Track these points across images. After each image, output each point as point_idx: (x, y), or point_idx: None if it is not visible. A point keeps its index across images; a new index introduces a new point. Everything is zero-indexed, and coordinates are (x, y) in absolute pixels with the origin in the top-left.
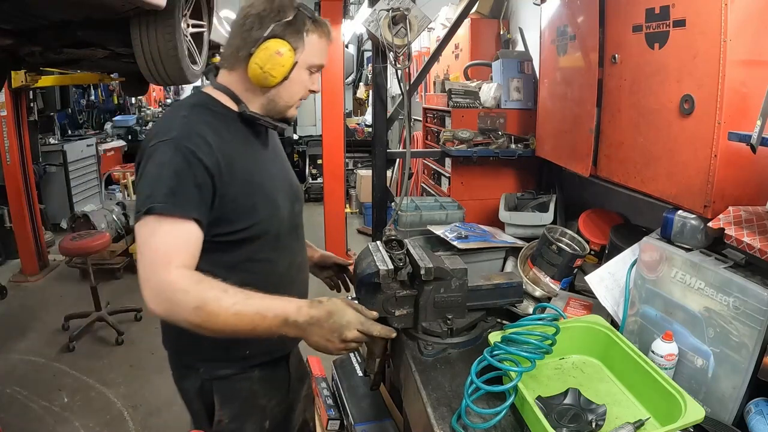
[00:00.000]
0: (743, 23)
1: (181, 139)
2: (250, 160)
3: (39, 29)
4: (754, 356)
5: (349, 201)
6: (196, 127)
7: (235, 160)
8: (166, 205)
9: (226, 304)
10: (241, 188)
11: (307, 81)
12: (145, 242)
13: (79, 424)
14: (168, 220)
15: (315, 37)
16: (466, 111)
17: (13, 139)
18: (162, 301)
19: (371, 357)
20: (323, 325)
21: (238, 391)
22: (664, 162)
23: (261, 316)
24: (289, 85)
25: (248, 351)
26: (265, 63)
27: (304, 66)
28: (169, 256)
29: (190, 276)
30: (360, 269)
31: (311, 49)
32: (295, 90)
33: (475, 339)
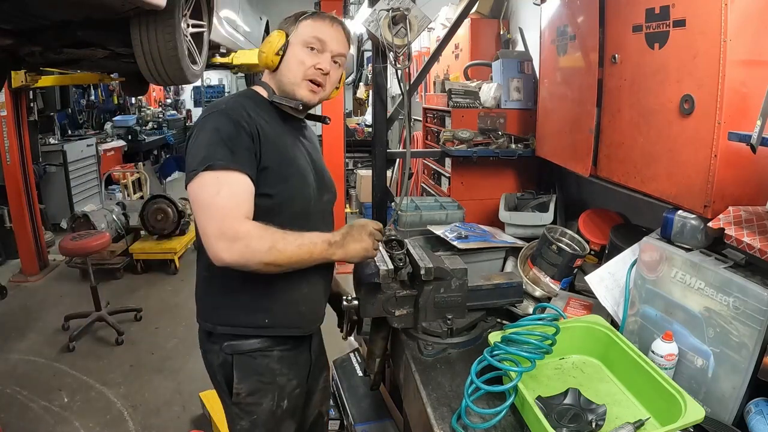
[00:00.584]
0: (743, 23)
1: (230, 110)
2: (284, 139)
3: (39, 29)
4: (754, 356)
5: (349, 201)
6: (242, 107)
7: (271, 136)
8: (226, 162)
9: (289, 239)
10: (275, 158)
11: (306, 57)
12: (211, 199)
13: (79, 424)
14: (230, 174)
15: (309, 21)
16: (466, 111)
17: (13, 139)
18: (239, 248)
19: (371, 357)
20: (352, 232)
21: (257, 366)
22: (664, 162)
23: (313, 243)
24: (286, 62)
25: (267, 320)
26: (263, 46)
27: (297, 43)
28: (240, 208)
29: (257, 225)
30: (360, 269)
31: (304, 29)
32: (292, 65)
33: (475, 339)
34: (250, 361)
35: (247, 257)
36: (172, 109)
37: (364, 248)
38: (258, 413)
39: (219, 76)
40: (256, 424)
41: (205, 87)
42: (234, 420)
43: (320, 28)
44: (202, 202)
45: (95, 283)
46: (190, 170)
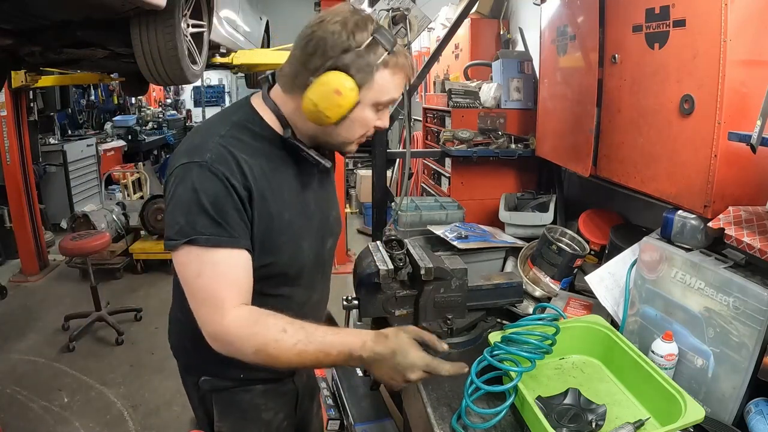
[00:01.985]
0: (743, 23)
1: (215, 162)
2: (284, 193)
3: (39, 29)
4: (754, 356)
5: (349, 201)
6: (232, 152)
7: (267, 194)
8: (210, 237)
9: (286, 345)
10: (267, 224)
11: (372, 119)
12: (193, 281)
13: (79, 424)
14: (213, 253)
15: (387, 73)
16: (466, 111)
17: (13, 139)
18: (221, 345)
19: None
20: (387, 363)
21: (238, 403)
22: (664, 162)
23: (324, 353)
24: (348, 123)
25: (242, 375)
26: (321, 101)
27: (368, 104)
28: (221, 298)
29: (246, 319)
30: (360, 269)
31: (381, 87)
32: (355, 129)
33: (475, 339)
34: (231, 398)
35: (233, 353)
36: (172, 109)
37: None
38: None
39: (219, 76)
40: None
41: (205, 87)
42: None
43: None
44: (185, 280)
45: (95, 283)
46: (167, 237)
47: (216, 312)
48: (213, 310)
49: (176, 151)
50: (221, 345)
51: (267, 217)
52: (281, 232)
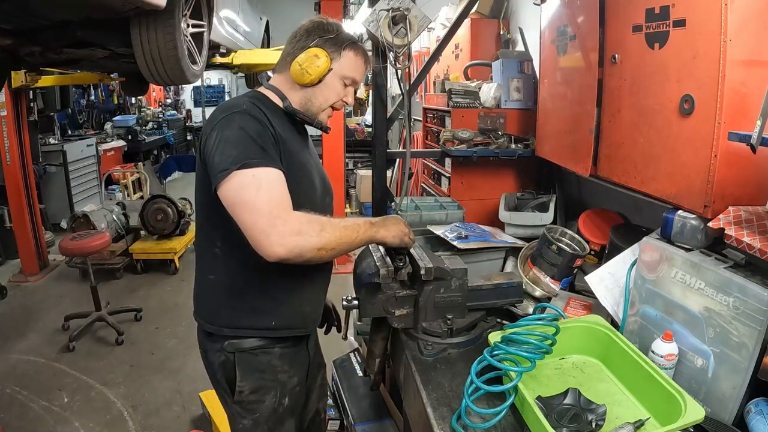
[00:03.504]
0: (743, 23)
1: (251, 111)
2: (294, 144)
3: (39, 29)
4: (754, 356)
5: (349, 201)
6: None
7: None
8: (259, 159)
9: (335, 223)
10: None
11: (341, 90)
12: (254, 197)
13: (79, 424)
14: (266, 171)
15: (351, 53)
16: (466, 111)
17: (13, 139)
18: (292, 239)
19: (371, 357)
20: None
21: (258, 363)
22: (664, 162)
23: (357, 224)
24: (323, 88)
25: (274, 322)
26: (304, 62)
27: (338, 75)
28: (283, 202)
29: (302, 213)
30: (360, 269)
31: (346, 62)
32: (328, 94)
33: (475, 339)
34: (252, 359)
35: (302, 245)
36: (172, 109)
37: (403, 231)
38: (260, 411)
39: (219, 76)
40: (258, 422)
41: (205, 87)
42: (236, 419)
43: (359, 67)
44: (244, 202)
45: (95, 283)
46: (221, 170)
47: (285, 213)
48: (282, 213)
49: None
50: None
51: (288, 155)
52: (300, 167)
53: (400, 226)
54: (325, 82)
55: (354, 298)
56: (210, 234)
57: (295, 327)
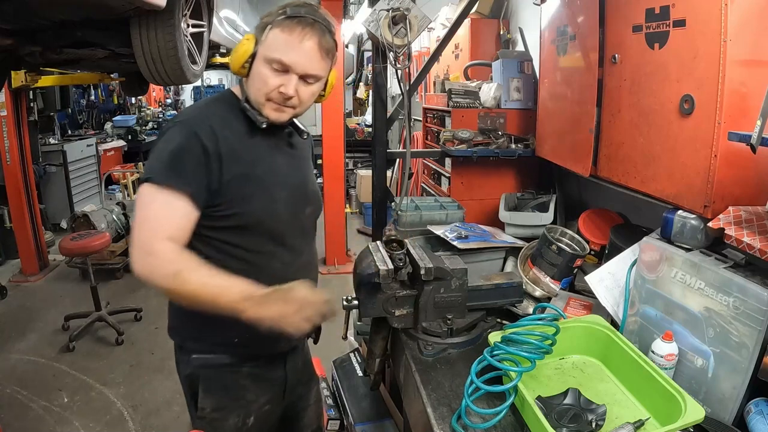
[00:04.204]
0: (743, 23)
1: (190, 122)
2: (254, 153)
3: (39, 29)
4: (754, 356)
5: (349, 201)
6: (208, 117)
7: (239, 151)
8: (163, 176)
9: (200, 274)
10: (239, 177)
11: (269, 77)
12: (142, 208)
13: (79, 424)
14: (164, 190)
15: (277, 31)
16: (466, 111)
17: (13, 139)
18: (146, 264)
19: (371, 357)
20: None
21: (223, 381)
22: (664, 162)
23: (224, 288)
24: (251, 77)
25: (237, 339)
26: (234, 49)
27: (261, 58)
28: (161, 226)
29: (173, 249)
30: (360, 269)
31: (270, 42)
32: (255, 84)
33: (475, 339)
34: (218, 376)
35: (153, 275)
36: (172, 109)
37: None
38: (224, 429)
39: (219, 76)
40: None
41: (205, 87)
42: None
43: (286, 46)
44: (137, 210)
45: (95, 283)
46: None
47: (154, 236)
48: (151, 234)
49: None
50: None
51: (238, 169)
52: (252, 182)
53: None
54: (252, 71)
55: (354, 298)
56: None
57: (260, 345)
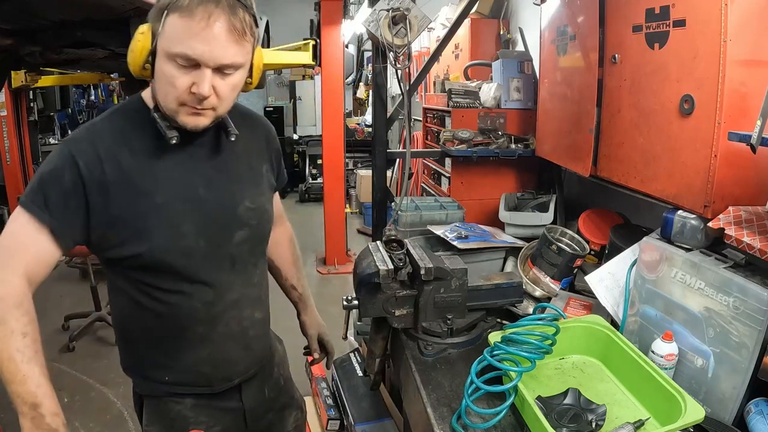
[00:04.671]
0: (743, 23)
1: (72, 143)
2: (157, 177)
3: (39, 29)
4: (754, 356)
5: (349, 201)
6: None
7: (134, 178)
8: (29, 201)
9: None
10: (133, 207)
11: (176, 76)
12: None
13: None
14: (27, 216)
15: (174, 17)
16: (466, 111)
17: (13, 139)
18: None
19: (371, 357)
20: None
21: (166, 412)
22: (664, 162)
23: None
24: (156, 80)
25: (167, 377)
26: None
27: (162, 54)
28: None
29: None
30: (360, 269)
31: (169, 33)
32: (162, 87)
33: (475, 339)
34: (161, 406)
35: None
36: None
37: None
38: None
39: None
40: None
41: None
42: None
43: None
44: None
45: (95, 283)
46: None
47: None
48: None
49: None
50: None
51: (132, 199)
52: (151, 214)
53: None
54: (156, 70)
55: (354, 298)
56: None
57: (197, 386)
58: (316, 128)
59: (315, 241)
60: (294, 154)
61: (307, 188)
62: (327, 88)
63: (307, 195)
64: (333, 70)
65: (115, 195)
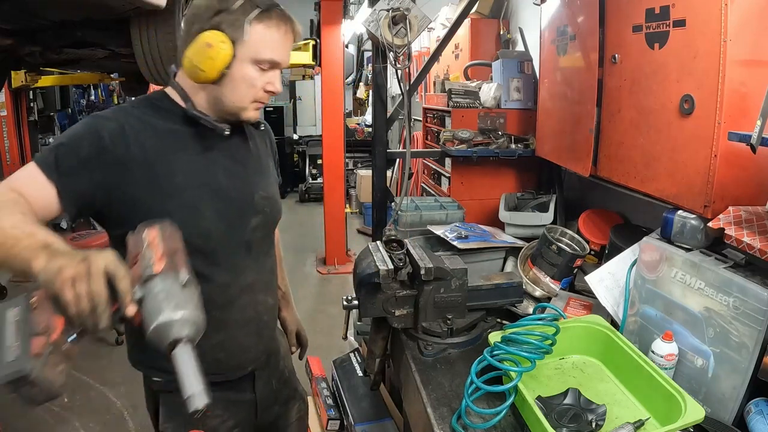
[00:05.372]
0: (743, 23)
1: (100, 117)
2: (180, 162)
3: (39, 29)
4: (754, 356)
5: (349, 201)
6: (125, 117)
7: (155, 161)
8: (41, 158)
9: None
10: (152, 190)
11: (257, 78)
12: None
13: (79, 424)
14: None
15: (261, 28)
16: (466, 111)
17: (13, 139)
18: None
19: (371, 357)
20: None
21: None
22: (664, 162)
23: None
24: (232, 82)
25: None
26: (195, 56)
27: (247, 60)
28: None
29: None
30: (360, 269)
31: (256, 41)
32: (240, 88)
33: (475, 339)
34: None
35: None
36: None
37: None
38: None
39: None
40: None
41: None
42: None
43: (276, 42)
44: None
45: None
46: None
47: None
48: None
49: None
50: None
51: (153, 180)
52: (171, 195)
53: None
54: (231, 75)
55: (354, 298)
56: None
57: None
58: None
59: (315, 241)
60: (294, 154)
61: (307, 188)
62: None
63: (307, 195)
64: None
65: (136, 173)
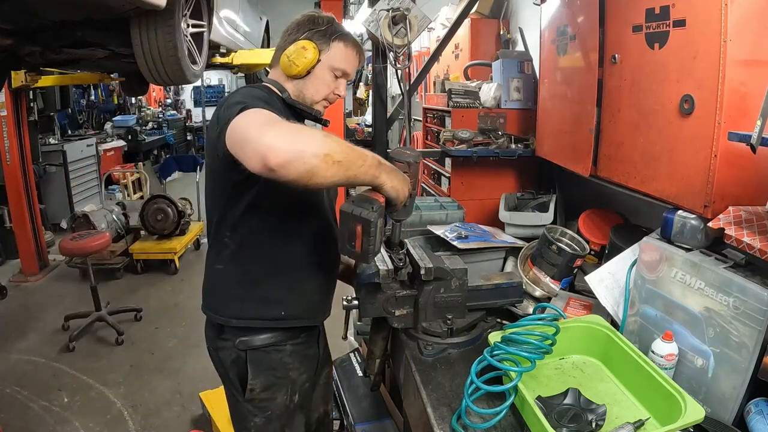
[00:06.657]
0: (743, 23)
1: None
2: None
3: (39, 29)
4: (754, 356)
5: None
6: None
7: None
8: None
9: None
10: None
11: (331, 82)
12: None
13: (79, 424)
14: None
15: (341, 45)
16: (466, 111)
17: (13, 139)
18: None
19: (371, 357)
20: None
21: (270, 361)
22: (664, 162)
23: (365, 154)
24: (313, 79)
25: (283, 312)
26: (292, 54)
27: (327, 66)
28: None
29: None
30: (360, 269)
31: (336, 53)
32: (318, 86)
33: (475, 339)
34: (264, 356)
35: (300, 148)
36: (172, 109)
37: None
38: (272, 408)
39: (219, 76)
40: (270, 419)
41: (205, 87)
42: (246, 417)
43: (350, 58)
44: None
45: (95, 283)
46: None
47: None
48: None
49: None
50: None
51: None
52: None
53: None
54: (314, 74)
55: (354, 298)
56: (220, 223)
57: (304, 317)
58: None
59: None
60: None
61: None
62: None
63: None
64: None
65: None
